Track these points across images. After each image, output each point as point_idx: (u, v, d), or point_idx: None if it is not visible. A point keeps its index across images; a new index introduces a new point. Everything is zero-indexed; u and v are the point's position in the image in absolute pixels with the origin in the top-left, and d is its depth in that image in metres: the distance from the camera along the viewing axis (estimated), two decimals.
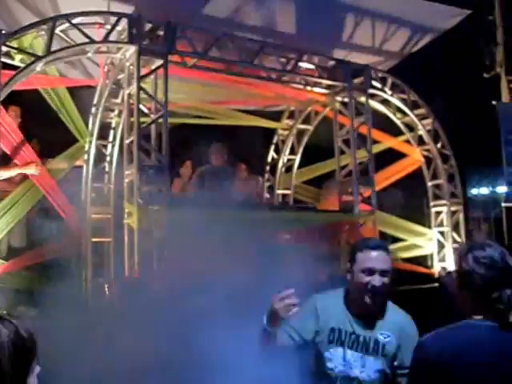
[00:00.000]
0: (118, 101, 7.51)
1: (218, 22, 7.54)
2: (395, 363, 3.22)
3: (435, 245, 9.18)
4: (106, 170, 7.80)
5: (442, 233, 9.26)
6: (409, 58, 9.71)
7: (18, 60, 6.05)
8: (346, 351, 3.22)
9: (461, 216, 9.31)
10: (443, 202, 9.26)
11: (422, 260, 9.21)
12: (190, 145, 8.40)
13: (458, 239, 9.16)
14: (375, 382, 3.19)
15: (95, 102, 7.62)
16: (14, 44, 5.91)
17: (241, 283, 5.75)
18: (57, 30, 6.12)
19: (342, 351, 3.23)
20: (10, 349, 1.66)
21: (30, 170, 6.73)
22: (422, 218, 9.57)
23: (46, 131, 7.92)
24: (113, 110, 7.72)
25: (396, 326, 3.25)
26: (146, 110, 6.68)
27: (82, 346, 5.17)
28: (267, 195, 9.68)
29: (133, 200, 6.37)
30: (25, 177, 6.92)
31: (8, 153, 6.47)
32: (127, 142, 6.65)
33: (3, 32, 5.71)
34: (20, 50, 5.97)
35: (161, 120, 6.55)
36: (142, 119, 6.58)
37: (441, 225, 9.29)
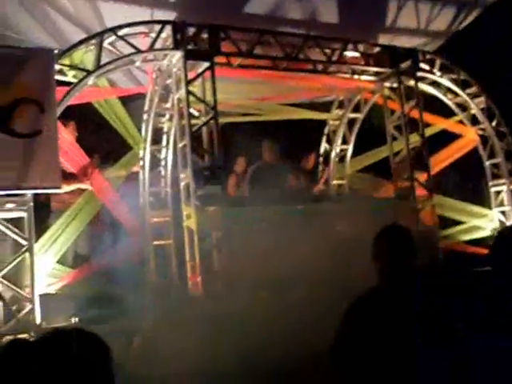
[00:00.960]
0: (168, 105, 7.66)
1: (260, 19, 7.59)
2: None
3: (497, 225, 8.97)
4: (162, 174, 8.00)
5: (503, 212, 9.04)
6: (456, 36, 9.50)
7: (70, 76, 6.27)
8: None
9: None
10: (502, 180, 9.02)
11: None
12: (241, 142, 8.47)
13: None
14: None
15: (146, 108, 7.81)
16: (66, 61, 6.13)
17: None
18: (105, 44, 6.30)
19: None
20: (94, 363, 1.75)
21: (86, 185, 6.95)
22: (481, 198, 9.34)
23: (101, 141, 8.18)
24: (164, 115, 7.89)
25: None
26: (196, 113, 6.79)
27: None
28: (322, 186, 9.65)
29: (190, 202, 6.51)
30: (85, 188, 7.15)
31: (69, 167, 6.70)
32: (180, 145, 6.79)
33: (56, 51, 5.93)
34: (72, 67, 6.18)
35: (212, 121, 6.65)
36: (193, 121, 6.70)
37: (501, 204, 9.06)
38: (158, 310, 5.98)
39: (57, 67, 5.96)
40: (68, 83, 6.21)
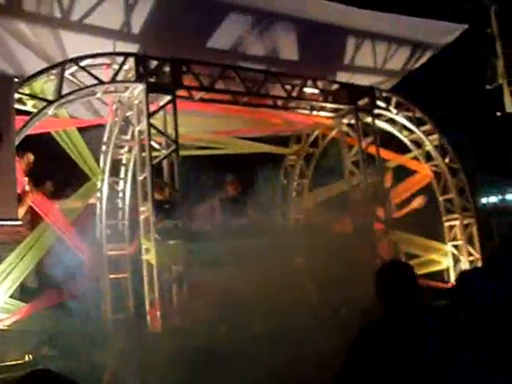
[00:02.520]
0: (128, 137, 7.60)
1: (222, 54, 7.65)
2: None
3: (450, 259, 9.17)
4: (120, 206, 7.88)
5: (456, 246, 9.26)
6: (411, 76, 9.79)
7: (30, 105, 6.17)
8: None
9: (474, 229, 9.31)
10: (455, 216, 9.26)
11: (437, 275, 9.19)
12: (203, 175, 8.46)
13: (473, 252, 9.15)
14: None
15: (105, 139, 7.72)
16: (26, 90, 6.03)
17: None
18: (66, 74, 6.24)
19: None
20: None
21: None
22: (435, 233, 9.54)
23: (58, 172, 8.02)
24: (123, 147, 7.81)
25: None
26: (156, 146, 6.75)
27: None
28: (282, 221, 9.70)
29: (149, 236, 6.42)
30: (38, 220, 6.98)
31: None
32: (140, 178, 6.72)
33: (16, 80, 5.83)
34: (32, 96, 6.08)
35: (173, 154, 6.63)
36: (154, 154, 6.66)
37: (455, 239, 9.29)
38: (119, 346, 5.84)
39: (16, 96, 5.85)
40: (27, 112, 6.10)
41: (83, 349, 5.87)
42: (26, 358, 5.76)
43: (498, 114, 10.79)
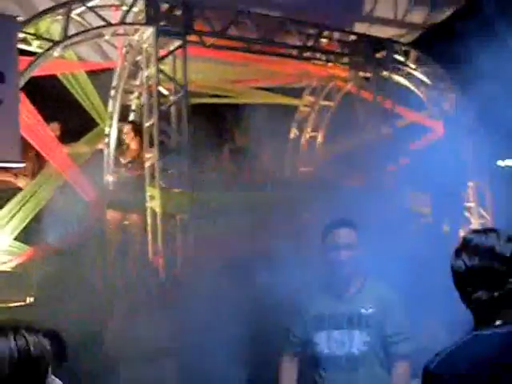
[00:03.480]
0: (138, 83, 7.44)
1: None
2: (387, 332, 3.33)
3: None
4: None
5: (468, 209, 9.09)
6: (433, 29, 9.44)
7: (35, 46, 6.01)
8: (330, 333, 3.35)
9: (487, 191, 9.11)
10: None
11: None
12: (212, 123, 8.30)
13: (485, 215, 8.97)
14: (365, 354, 3.30)
15: (114, 84, 7.57)
16: (31, 30, 5.87)
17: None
18: (73, 14, 6.06)
19: (326, 334, 3.36)
20: (12, 364, 1.62)
21: None
22: None
23: (66, 116, 7.90)
24: (132, 92, 7.67)
25: (376, 295, 3.38)
26: (165, 92, 6.60)
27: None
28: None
29: (155, 183, 6.34)
30: (40, 167, 6.92)
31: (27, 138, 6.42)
32: (147, 124, 6.60)
33: (20, 18, 5.66)
34: (37, 36, 5.92)
35: (181, 101, 6.48)
36: (162, 100, 6.52)
37: (467, 201, 9.10)
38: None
39: (21, 36, 5.70)
40: (32, 53, 5.96)
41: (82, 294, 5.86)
42: (28, 300, 5.78)
43: None
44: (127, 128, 7.19)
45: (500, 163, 16.30)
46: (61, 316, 4.95)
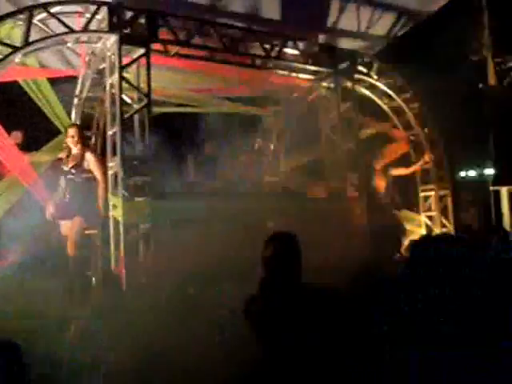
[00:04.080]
0: (101, 91, 7.37)
1: (201, 8, 7.41)
2: None
3: (424, 230, 9.16)
4: None
5: (430, 217, 9.24)
6: (395, 43, 9.60)
7: None
8: None
9: (449, 200, 9.28)
10: (431, 186, 9.22)
11: None
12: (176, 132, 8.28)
13: (447, 224, 9.13)
14: None
15: (77, 92, 7.52)
16: None
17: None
18: (35, 20, 5.99)
19: None
20: None
21: None
22: (409, 203, 9.51)
23: (28, 124, 7.79)
24: (95, 100, 7.60)
25: None
26: (128, 100, 6.56)
27: None
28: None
29: (117, 192, 6.27)
30: (4, 173, 6.79)
31: None
32: (110, 133, 6.53)
33: None
34: None
35: (144, 109, 6.44)
36: (125, 109, 6.46)
37: (429, 210, 9.26)
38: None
39: None
40: None
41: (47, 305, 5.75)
42: None
43: (480, 85, 10.67)
44: (71, 131, 6.61)
45: (462, 174, 16.63)
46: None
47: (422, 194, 9.34)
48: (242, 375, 3.59)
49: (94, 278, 7.00)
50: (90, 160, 6.49)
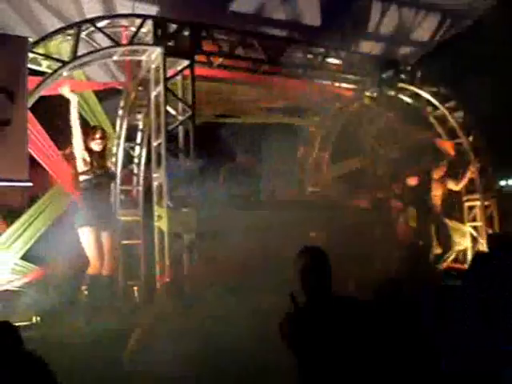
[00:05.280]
0: (145, 102, 7.47)
1: (244, 18, 7.46)
2: None
3: (469, 240, 8.98)
4: (135, 171, 7.82)
5: (475, 227, 9.05)
6: (440, 48, 9.45)
7: (45, 66, 6.05)
8: None
9: (494, 210, 9.08)
10: (476, 196, 9.04)
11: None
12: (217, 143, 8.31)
13: None
14: None
15: (122, 104, 7.62)
16: (41, 50, 5.90)
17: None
18: (82, 35, 6.10)
19: None
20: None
21: None
22: (454, 213, 9.32)
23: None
24: (140, 112, 7.71)
25: None
26: (173, 112, 6.62)
27: None
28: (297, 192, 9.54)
29: (162, 203, 6.33)
30: (51, 184, 6.92)
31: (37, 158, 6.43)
32: (155, 144, 6.61)
33: (30, 39, 5.70)
34: (47, 56, 5.96)
35: (188, 121, 6.50)
36: (170, 120, 6.53)
37: (474, 219, 9.08)
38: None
39: (30, 56, 5.73)
40: (42, 73, 5.99)
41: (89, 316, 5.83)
42: (34, 320, 5.74)
43: None
44: (99, 132, 6.43)
45: (502, 183, 16.23)
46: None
47: (466, 204, 9.16)
48: None
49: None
50: None
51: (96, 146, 6.36)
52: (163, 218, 6.28)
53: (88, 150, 6.30)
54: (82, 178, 6.28)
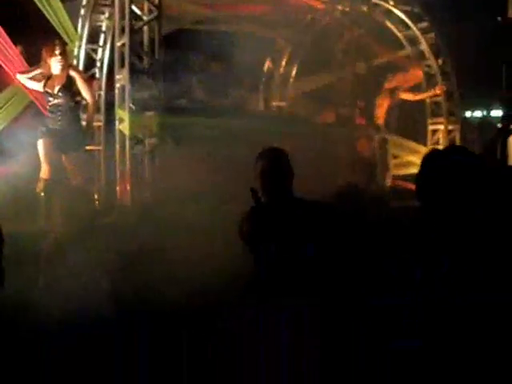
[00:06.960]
0: (109, 2, 7.15)
1: None
2: None
3: None
4: (97, 76, 7.57)
5: None
6: None
7: None
8: None
9: (457, 135, 9.17)
10: (440, 119, 9.09)
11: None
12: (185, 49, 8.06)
13: None
14: None
15: (84, 2, 7.28)
16: None
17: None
18: None
19: None
20: None
21: None
22: (416, 135, 9.36)
23: (33, 35, 7.59)
24: (103, 13, 7.39)
25: None
26: (138, 12, 6.35)
27: None
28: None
29: (124, 106, 6.17)
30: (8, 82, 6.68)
31: None
32: (118, 44, 6.36)
33: None
34: None
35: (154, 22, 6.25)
36: (135, 23, 6.27)
37: (437, 143, 9.15)
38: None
39: None
40: None
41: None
42: None
43: (499, 18, 10.32)
44: (59, 47, 5.82)
45: (467, 114, 16.35)
46: None
47: (430, 127, 9.21)
48: (235, 287, 3.61)
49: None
50: (78, 80, 5.79)
51: (57, 63, 5.76)
52: (125, 121, 6.14)
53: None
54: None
